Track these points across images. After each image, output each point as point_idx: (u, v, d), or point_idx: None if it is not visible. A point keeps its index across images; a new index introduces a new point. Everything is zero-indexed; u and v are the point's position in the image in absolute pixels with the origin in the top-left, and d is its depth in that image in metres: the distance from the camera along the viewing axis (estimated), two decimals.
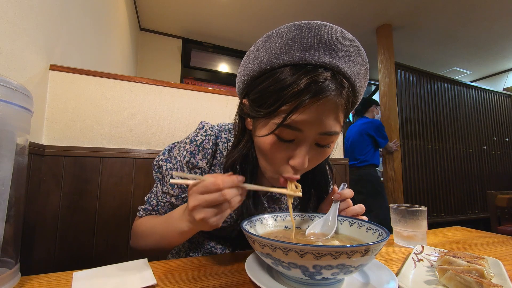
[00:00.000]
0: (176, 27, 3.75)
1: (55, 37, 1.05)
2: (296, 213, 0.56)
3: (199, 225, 0.45)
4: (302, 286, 0.38)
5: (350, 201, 0.56)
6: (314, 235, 0.50)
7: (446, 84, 3.83)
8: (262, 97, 0.46)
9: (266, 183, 0.57)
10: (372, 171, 2.77)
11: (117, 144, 1.08)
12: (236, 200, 0.43)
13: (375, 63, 3.48)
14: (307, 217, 0.56)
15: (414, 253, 0.54)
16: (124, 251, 1.01)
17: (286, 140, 0.46)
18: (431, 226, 0.71)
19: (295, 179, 0.49)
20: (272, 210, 0.65)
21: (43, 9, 0.93)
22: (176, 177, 0.59)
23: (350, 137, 2.89)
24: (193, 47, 4.02)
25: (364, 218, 0.51)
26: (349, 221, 0.50)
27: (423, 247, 0.57)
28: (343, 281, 0.40)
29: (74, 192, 0.96)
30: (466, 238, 0.72)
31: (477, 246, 0.64)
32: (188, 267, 0.47)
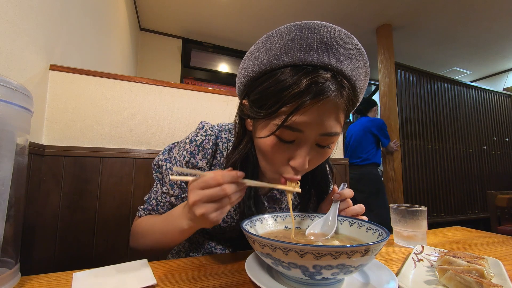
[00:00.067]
0: (176, 27, 3.75)
1: (55, 37, 1.05)
2: (296, 213, 0.56)
3: (199, 222, 0.45)
4: (302, 286, 0.38)
5: (350, 201, 0.56)
6: (314, 235, 0.50)
7: (446, 84, 3.84)
8: (262, 98, 0.46)
9: None
10: (374, 170, 2.77)
11: (117, 144, 1.08)
12: (236, 196, 0.43)
13: (375, 63, 3.48)
14: (307, 217, 0.56)
15: (414, 253, 0.54)
16: (124, 251, 1.01)
17: (287, 141, 0.46)
18: (431, 226, 0.71)
19: (296, 180, 0.49)
20: (273, 210, 0.65)
21: (43, 9, 0.93)
22: (176, 173, 0.59)
23: (353, 135, 2.88)
24: (193, 47, 4.02)
25: (364, 218, 0.51)
26: (349, 221, 0.50)
27: (423, 247, 0.57)
28: (343, 281, 0.40)
29: (74, 192, 0.96)
30: (466, 238, 0.72)
31: (477, 246, 0.64)
32: (188, 267, 0.47)
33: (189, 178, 0.44)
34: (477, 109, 4.14)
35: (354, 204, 0.56)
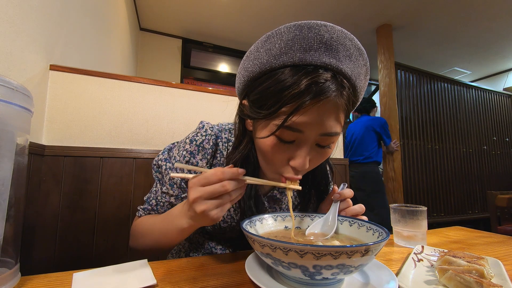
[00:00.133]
0: (176, 27, 3.75)
1: (55, 37, 1.05)
2: (296, 213, 0.56)
3: (200, 220, 0.45)
4: (302, 286, 0.38)
5: (350, 201, 0.56)
6: (314, 235, 0.50)
7: (446, 84, 3.84)
8: (262, 98, 0.46)
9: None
10: (375, 169, 2.78)
11: (117, 144, 1.08)
12: (237, 193, 0.43)
13: (375, 63, 3.48)
14: (307, 217, 0.56)
15: (414, 253, 0.54)
16: (124, 251, 1.01)
17: (287, 141, 0.46)
18: (431, 226, 0.71)
19: (297, 179, 0.49)
20: (273, 210, 0.65)
21: (43, 9, 0.93)
22: (177, 170, 0.59)
23: (354, 133, 2.89)
24: (193, 47, 4.02)
25: (364, 218, 0.51)
26: (349, 221, 0.50)
27: (423, 247, 0.57)
28: (343, 281, 0.40)
29: (74, 192, 0.96)
30: (466, 238, 0.72)
31: (477, 246, 0.64)
32: (188, 267, 0.47)
33: (189, 176, 0.44)
34: (477, 109, 4.14)
35: (354, 204, 0.56)
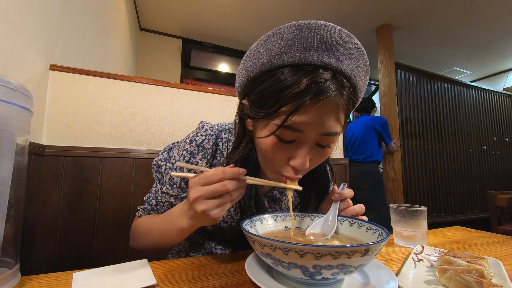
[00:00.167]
0: (176, 27, 3.75)
1: (55, 37, 1.05)
2: (296, 213, 0.56)
3: (200, 219, 0.45)
4: (302, 286, 0.38)
5: (350, 201, 0.56)
6: (314, 235, 0.50)
7: (446, 84, 3.84)
8: (262, 98, 0.46)
9: None
10: (376, 168, 2.78)
11: (117, 144, 1.08)
12: (237, 193, 0.43)
13: (375, 63, 3.49)
14: (307, 217, 0.56)
15: (414, 253, 0.54)
16: (124, 251, 1.01)
17: (287, 141, 0.46)
18: (431, 226, 0.71)
19: (297, 179, 0.49)
20: (273, 210, 0.65)
21: (43, 9, 0.93)
22: (178, 169, 0.59)
23: (354, 133, 2.89)
24: (193, 47, 4.02)
25: (364, 218, 0.51)
26: (349, 221, 0.50)
27: (423, 247, 0.57)
28: (343, 281, 0.40)
29: (74, 192, 0.96)
30: (466, 238, 0.72)
31: (477, 246, 0.64)
32: (188, 267, 0.47)
33: (190, 175, 0.44)
34: (477, 109, 4.14)
35: (354, 204, 0.56)
